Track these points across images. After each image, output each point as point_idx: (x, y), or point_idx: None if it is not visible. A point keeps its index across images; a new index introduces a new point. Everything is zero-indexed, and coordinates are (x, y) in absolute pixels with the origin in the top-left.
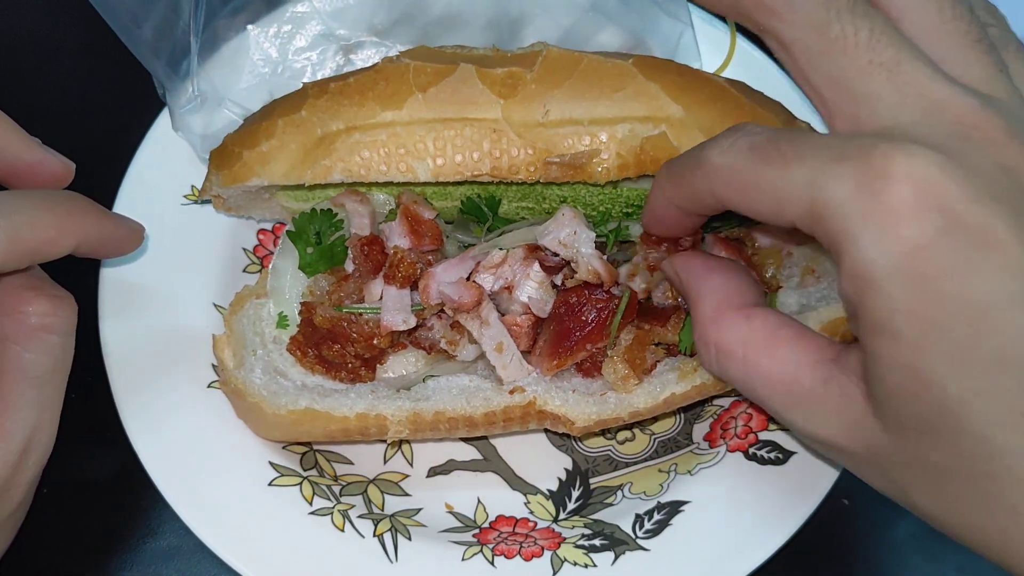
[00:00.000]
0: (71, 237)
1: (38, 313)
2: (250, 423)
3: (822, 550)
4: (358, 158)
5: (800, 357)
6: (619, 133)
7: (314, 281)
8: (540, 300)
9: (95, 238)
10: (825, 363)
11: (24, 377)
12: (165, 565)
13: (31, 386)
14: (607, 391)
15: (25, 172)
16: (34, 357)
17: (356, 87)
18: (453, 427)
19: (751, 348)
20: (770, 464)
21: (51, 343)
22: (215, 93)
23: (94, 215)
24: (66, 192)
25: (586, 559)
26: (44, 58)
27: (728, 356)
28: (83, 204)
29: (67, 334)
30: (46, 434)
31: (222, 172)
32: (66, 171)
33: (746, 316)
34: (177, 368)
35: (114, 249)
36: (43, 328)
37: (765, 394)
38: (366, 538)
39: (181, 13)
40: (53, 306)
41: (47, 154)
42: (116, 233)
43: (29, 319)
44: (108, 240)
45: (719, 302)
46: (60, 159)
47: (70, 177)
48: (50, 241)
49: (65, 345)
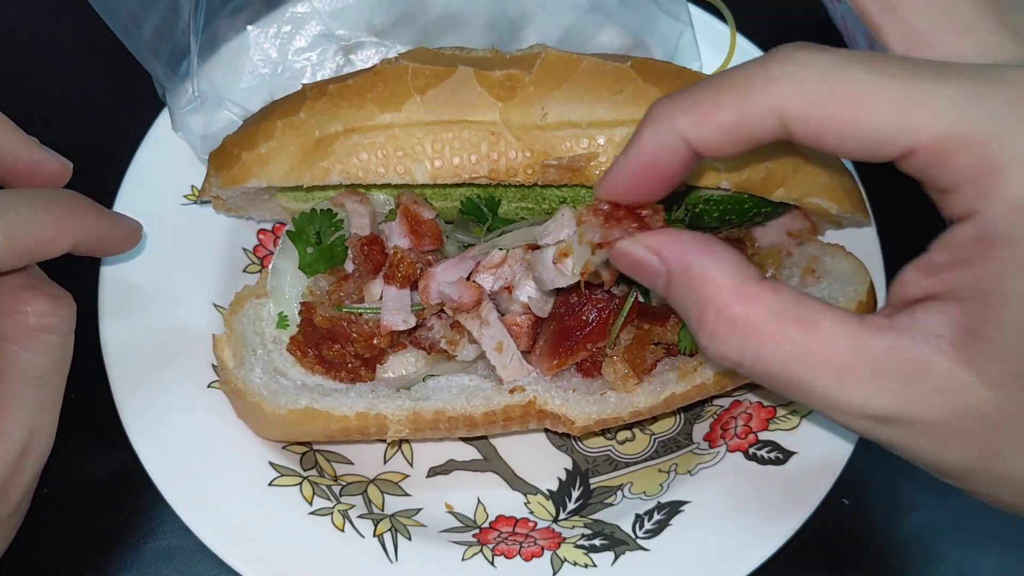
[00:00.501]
0: (69, 236)
1: (37, 313)
2: (250, 423)
3: (822, 550)
4: (356, 160)
5: (850, 328)
6: (617, 136)
7: (314, 281)
8: (540, 300)
9: (93, 237)
10: (884, 331)
11: (23, 377)
12: (165, 565)
13: (30, 386)
14: (607, 391)
15: (23, 171)
16: (33, 357)
17: (355, 89)
18: (453, 426)
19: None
20: (770, 464)
21: (50, 343)
22: (215, 93)
23: (92, 214)
24: (64, 191)
25: (586, 559)
26: (44, 58)
27: (762, 335)
28: (81, 203)
29: (66, 334)
30: (45, 434)
31: (221, 173)
32: (64, 170)
33: (773, 289)
34: (177, 368)
35: (112, 248)
36: (42, 328)
37: (808, 375)
38: (366, 538)
39: (181, 13)
40: (52, 306)
41: (45, 153)
42: (114, 232)
43: (28, 319)
44: (106, 239)
45: (740, 274)
46: (58, 158)
47: (68, 176)
48: (48, 240)
49: (64, 345)
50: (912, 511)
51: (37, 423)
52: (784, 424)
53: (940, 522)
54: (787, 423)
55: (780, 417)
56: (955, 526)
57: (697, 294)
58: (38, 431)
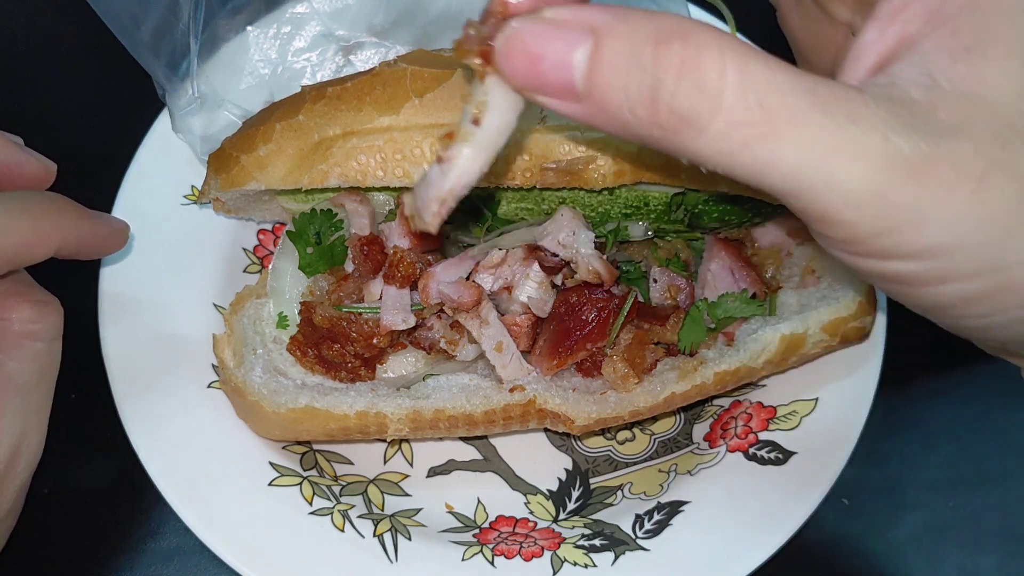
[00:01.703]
0: (51, 240)
1: (21, 320)
2: (250, 422)
3: (822, 550)
4: (355, 163)
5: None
6: (615, 139)
7: (314, 281)
8: (540, 300)
9: (75, 239)
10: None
11: (9, 385)
12: (166, 565)
13: (17, 393)
14: (607, 390)
15: (3, 174)
16: (18, 365)
17: (353, 92)
18: (453, 425)
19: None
20: (770, 464)
21: (35, 350)
22: (215, 94)
23: (73, 216)
24: (44, 193)
25: (586, 559)
26: (44, 58)
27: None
28: (61, 205)
29: (52, 340)
30: (35, 440)
31: (220, 176)
32: (47, 173)
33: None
34: (177, 368)
35: (98, 249)
36: (27, 335)
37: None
38: (366, 538)
39: (180, 14)
40: (37, 312)
41: (27, 155)
42: (98, 233)
43: (12, 326)
44: (90, 241)
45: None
46: (40, 160)
47: (51, 179)
48: (29, 245)
49: (50, 351)
50: (912, 511)
51: (26, 429)
52: (784, 424)
53: (940, 522)
54: (787, 423)
55: (780, 417)
56: (955, 526)
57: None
58: (27, 437)
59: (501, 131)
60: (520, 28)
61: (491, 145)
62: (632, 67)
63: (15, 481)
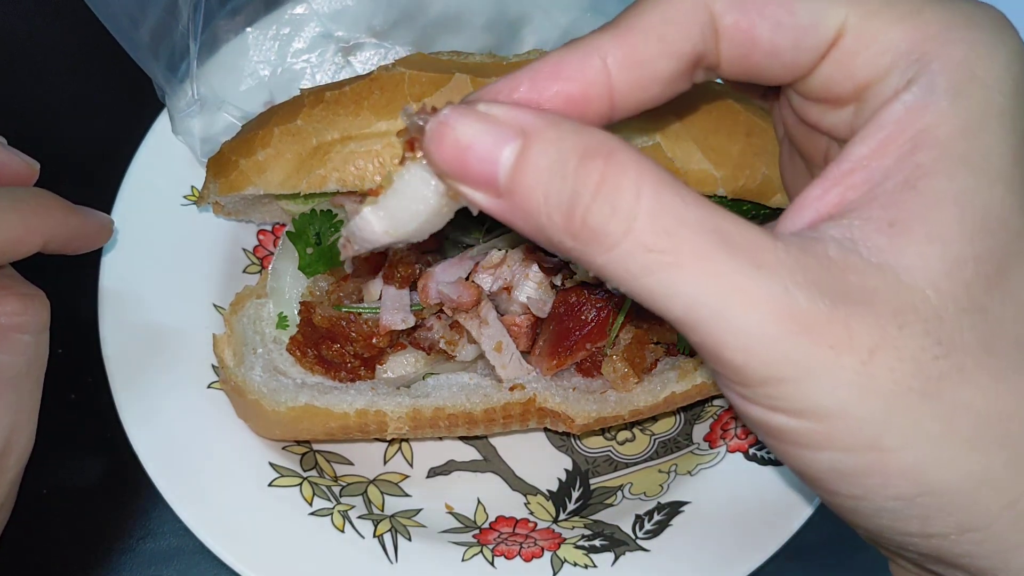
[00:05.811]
0: (37, 235)
1: (7, 313)
2: (250, 422)
3: (822, 550)
4: (353, 168)
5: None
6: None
7: (314, 282)
8: (539, 300)
9: (62, 234)
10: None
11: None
12: (165, 566)
13: (6, 387)
14: (607, 390)
15: None
16: (7, 358)
17: (351, 96)
18: (453, 424)
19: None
20: (770, 464)
21: (23, 343)
22: (214, 96)
23: (59, 211)
24: (30, 189)
25: (586, 560)
26: (44, 58)
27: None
28: (47, 200)
29: (39, 332)
30: (25, 434)
31: (219, 180)
32: (30, 171)
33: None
34: (177, 368)
35: (83, 244)
36: (14, 328)
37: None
38: (366, 538)
39: (179, 16)
40: (23, 305)
41: (10, 154)
42: (84, 228)
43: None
44: (76, 236)
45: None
46: (24, 159)
47: (34, 177)
48: (15, 240)
49: (38, 344)
50: None
51: (16, 423)
52: None
53: None
54: None
55: None
56: None
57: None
58: (17, 431)
59: (410, 214)
60: (452, 116)
61: (397, 224)
62: (555, 174)
63: (7, 475)
